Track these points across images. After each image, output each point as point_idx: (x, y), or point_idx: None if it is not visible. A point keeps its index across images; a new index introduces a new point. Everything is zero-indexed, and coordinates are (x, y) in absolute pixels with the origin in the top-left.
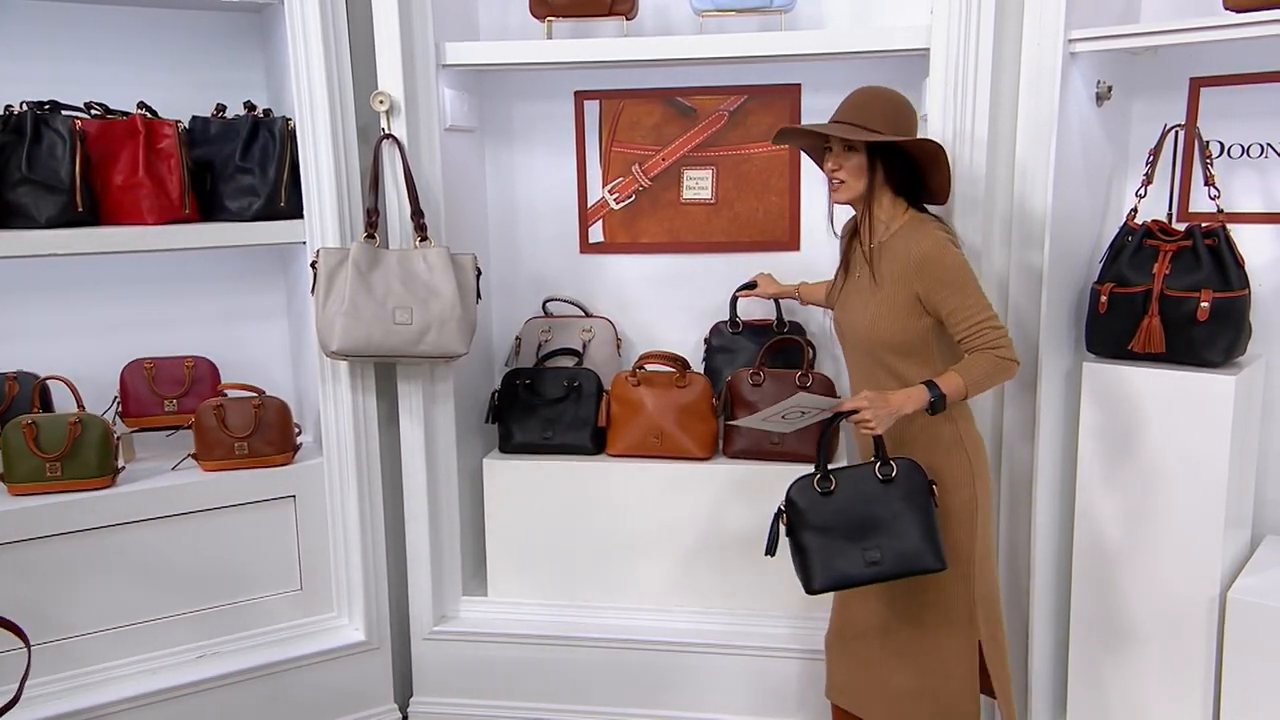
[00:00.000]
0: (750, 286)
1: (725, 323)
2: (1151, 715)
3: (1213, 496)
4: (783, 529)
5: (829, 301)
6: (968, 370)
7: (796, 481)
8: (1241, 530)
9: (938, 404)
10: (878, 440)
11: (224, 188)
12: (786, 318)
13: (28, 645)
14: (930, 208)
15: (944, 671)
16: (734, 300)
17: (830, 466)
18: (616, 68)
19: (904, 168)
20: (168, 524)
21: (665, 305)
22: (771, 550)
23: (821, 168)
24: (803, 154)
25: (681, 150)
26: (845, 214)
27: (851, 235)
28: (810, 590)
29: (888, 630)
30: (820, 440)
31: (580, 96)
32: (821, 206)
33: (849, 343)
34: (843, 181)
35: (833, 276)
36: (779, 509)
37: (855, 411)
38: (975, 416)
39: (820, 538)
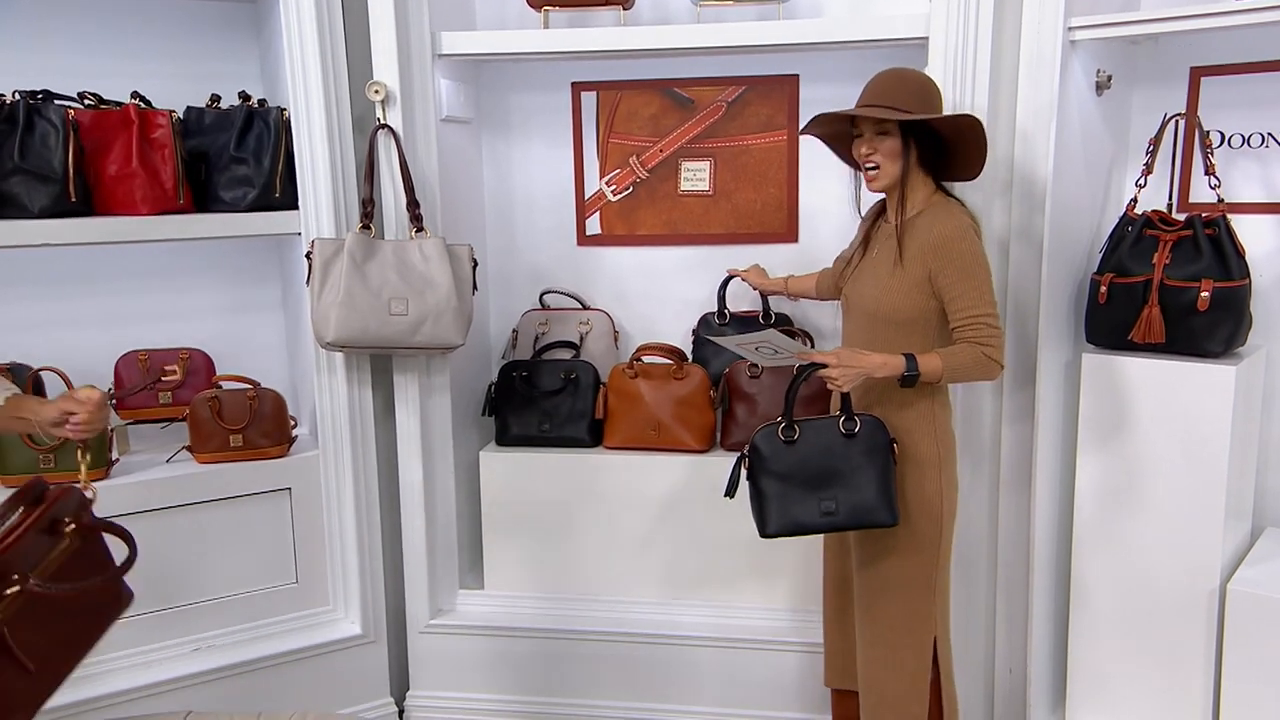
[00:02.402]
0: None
1: (713, 314)
2: (1151, 706)
3: (1213, 488)
4: (744, 473)
5: (822, 288)
6: (950, 356)
7: (762, 428)
8: (1242, 521)
9: (911, 378)
10: (845, 396)
11: (218, 178)
12: (774, 309)
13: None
14: (956, 191)
15: (894, 663)
16: (722, 291)
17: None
18: (614, 58)
19: (934, 148)
20: (162, 516)
21: (663, 297)
22: (731, 492)
23: (846, 158)
24: (800, 148)
25: (679, 141)
26: (870, 197)
27: (878, 215)
28: (764, 534)
29: (855, 608)
30: (789, 389)
31: (577, 88)
32: (819, 198)
33: (853, 315)
34: (878, 166)
35: (848, 253)
36: (742, 453)
37: (824, 366)
38: (974, 406)
39: (779, 484)
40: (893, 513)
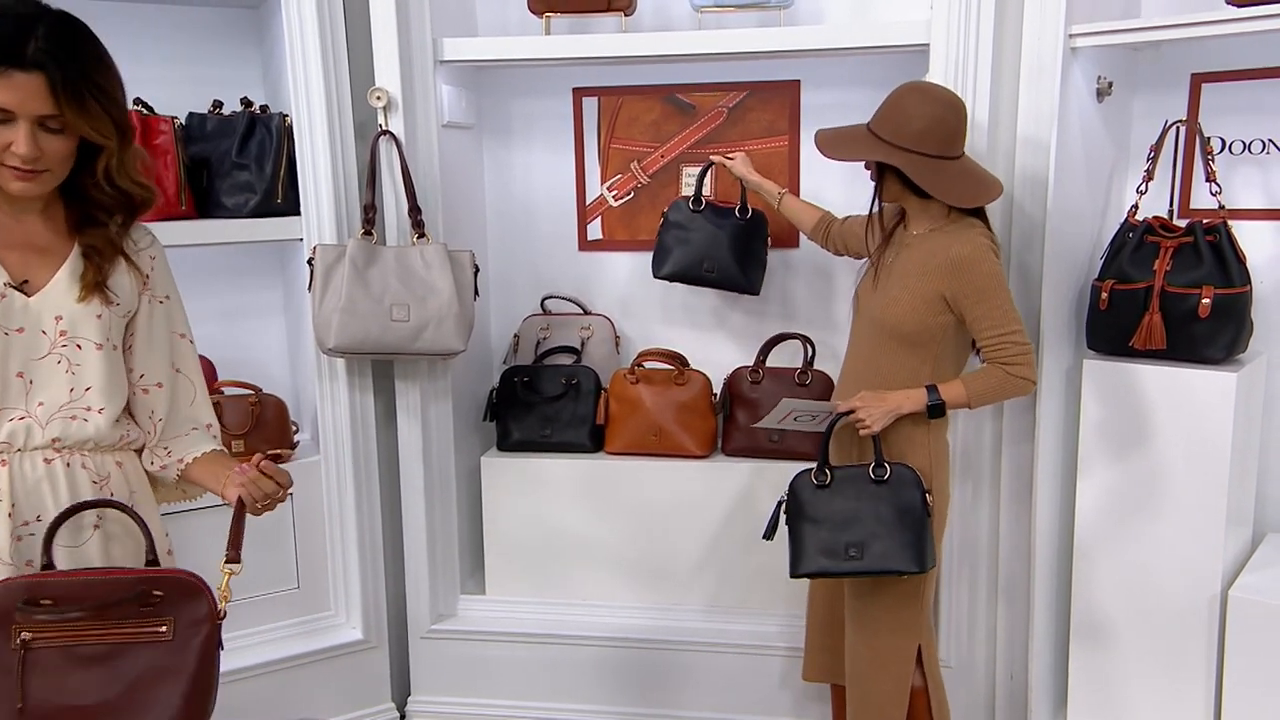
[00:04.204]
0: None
1: (688, 199)
2: (1152, 712)
3: (1214, 494)
4: (783, 517)
5: (818, 231)
6: (974, 382)
7: (800, 474)
8: (1243, 528)
9: (936, 409)
10: (875, 441)
11: (220, 184)
12: (750, 205)
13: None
14: (977, 209)
15: (880, 665)
16: (700, 177)
17: (833, 464)
18: (615, 64)
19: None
20: (163, 522)
21: (664, 303)
22: (770, 535)
23: None
24: (802, 153)
25: (680, 147)
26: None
27: (901, 218)
28: (793, 574)
29: (846, 606)
30: (824, 438)
31: (579, 93)
32: (821, 203)
33: (861, 319)
34: (875, 184)
35: (873, 256)
36: (782, 498)
37: (851, 411)
38: (979, 419)
39: (812, 528)
40: (916, 561)
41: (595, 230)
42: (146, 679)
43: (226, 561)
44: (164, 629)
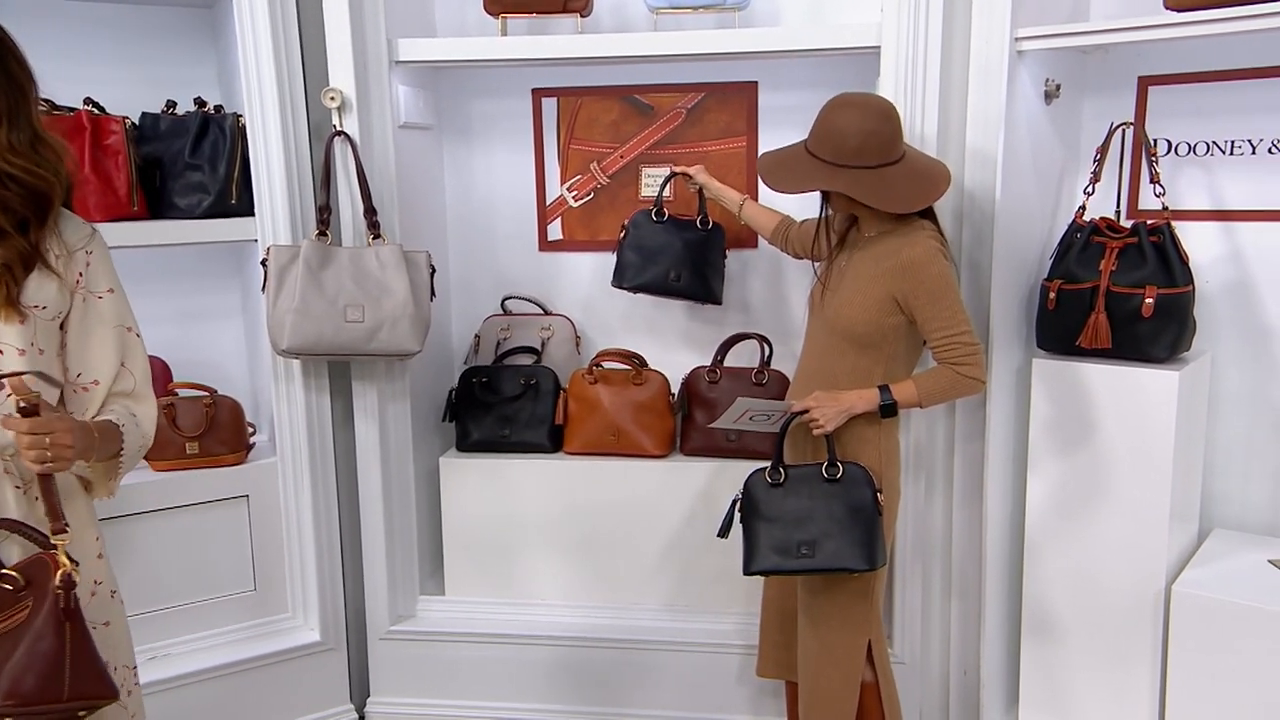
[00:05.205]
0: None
1: (649, 212)
2: (1101, 705)
3: (1158, 490)
4: (738, 515)
5: (777, 235)
6: (925, 382)
7: (755, 473)
8: (1188, 524)
9: (888, 409)
10: (828, 440)
11: (173, 185)
12: (711, 217)
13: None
14: (928, 212)
15: (831, 660)
16: (661, 188)
17: (787, 463)
18: (573, 65)
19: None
20: (118, 525)
21: (624, 303)
22: (724, 533)
23: None
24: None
25: (640, 148)
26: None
27: (853, 220)
28: (746, 571)
29: (799, 602)
30: (779, 436)
31: (538, 94)
32: (778, 203)
33: (815, 319)
34: (823, 198)
35: (822, 243)
36: (736, 496)
37: (805, 411)
38: (932, 416)
39: (766, 526)
40: (866, 560)
41: (555, 231)
42: (6, 650)
43: (53, 534)
44: (26, 612)
